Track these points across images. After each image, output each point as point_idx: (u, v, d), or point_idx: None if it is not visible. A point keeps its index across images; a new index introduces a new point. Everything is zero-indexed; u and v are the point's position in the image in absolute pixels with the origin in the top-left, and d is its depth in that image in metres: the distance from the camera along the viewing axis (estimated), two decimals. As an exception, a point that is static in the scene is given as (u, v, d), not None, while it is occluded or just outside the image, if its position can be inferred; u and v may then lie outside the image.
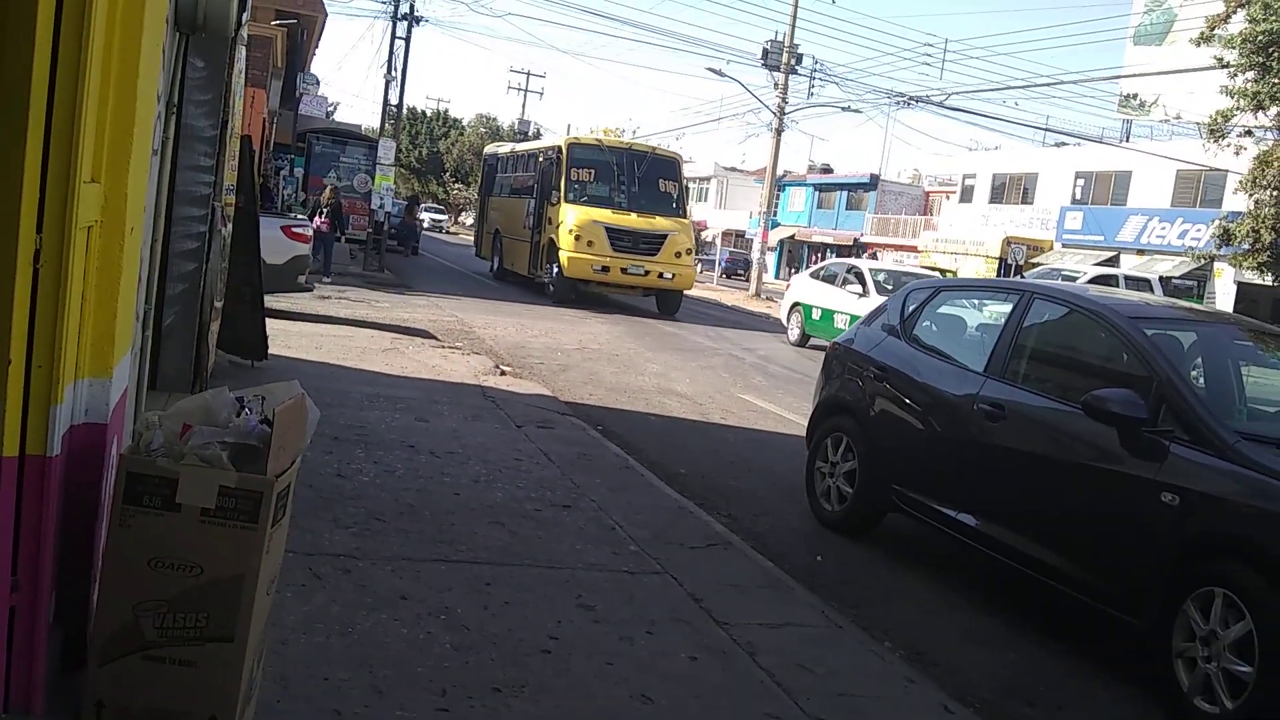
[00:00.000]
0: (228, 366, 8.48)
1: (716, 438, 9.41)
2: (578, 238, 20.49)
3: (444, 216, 63.90)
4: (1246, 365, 5.86)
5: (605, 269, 20.58)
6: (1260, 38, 14.63)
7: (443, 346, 11.92)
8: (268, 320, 9.04)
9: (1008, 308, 6.06)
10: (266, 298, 9.30)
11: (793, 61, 35.19)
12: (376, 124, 26.39)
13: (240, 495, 2.70)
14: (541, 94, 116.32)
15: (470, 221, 61.99)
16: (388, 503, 5.50)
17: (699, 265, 42.46)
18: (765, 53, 35.42)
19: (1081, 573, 5.03)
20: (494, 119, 74.29)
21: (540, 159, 23.51)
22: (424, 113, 78.21)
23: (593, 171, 21.91)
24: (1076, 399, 5.11)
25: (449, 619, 4.12)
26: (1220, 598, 4.31)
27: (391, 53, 24.48)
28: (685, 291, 22.53)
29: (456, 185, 77.62)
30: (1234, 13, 15.49)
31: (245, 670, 2.79)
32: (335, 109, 48.94)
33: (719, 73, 35.97)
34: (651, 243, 21.00)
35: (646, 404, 10.51)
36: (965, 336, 6.69)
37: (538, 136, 73.34)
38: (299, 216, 15.44)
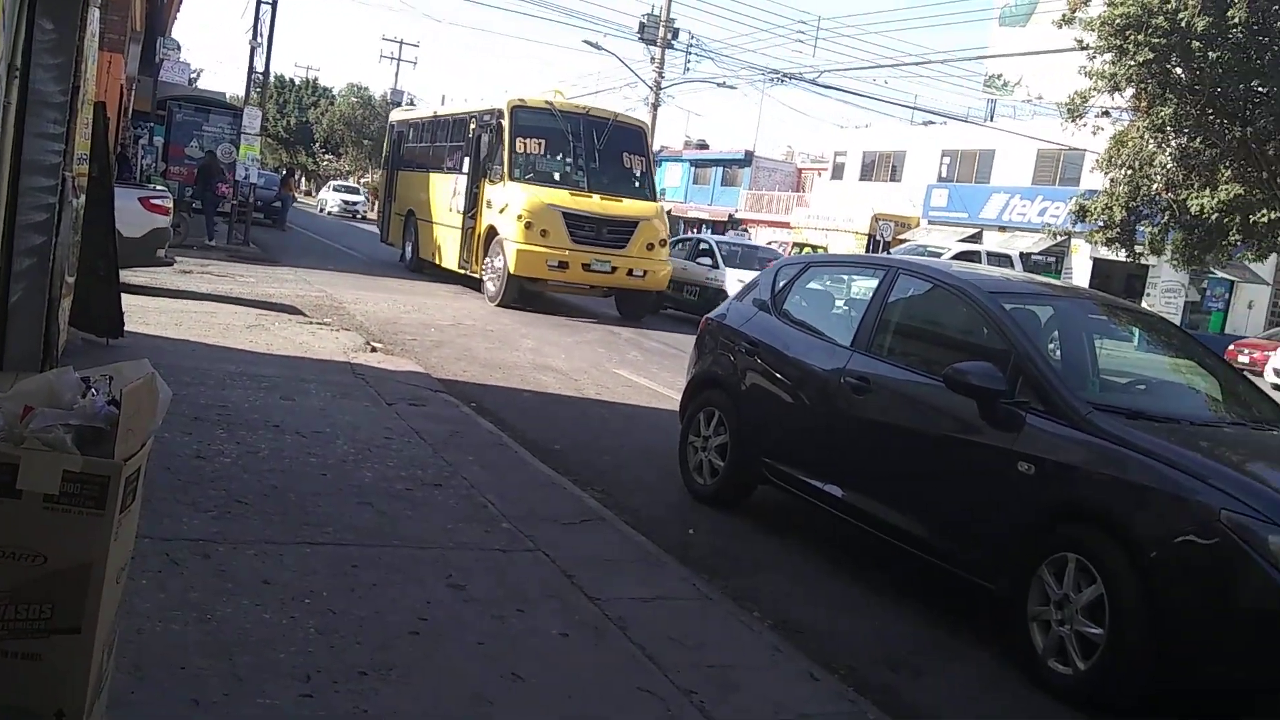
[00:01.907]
0: (81, 345, 8.13)
1: (591, 413, 9.41)
2: (529, 225, 16.38)
3: (359, 198, 53.76)
4: (1100, 338, 6.12)
5: (563, 265, 16.52)
6: (1118, 21, 15.20)
7: (311, 323, 11.63)
8: (124, 296, 8.69)
9: (873, 283, 6.19)
10: (123, 272, 8.94)
11: (669, 36, 35.29)
12: (242, 92, 25.17)
13: (86, 480, 2.58)
14: (415, 63, 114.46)
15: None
16: (250, 485, 5.35)
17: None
18: (642, 26, 35.45)
19: (942, 540, 5.19)
20: (366, 88, 72.67)
21: (473, 125, 19.23)
22: (292, 81, 76.06)
23: (543, 142, 17.70)
24: (938, 372, 5.25)
25: (314, 603, 4.02)
26: (1073, 563, 4.49)
27: (257, 17, 23.59)
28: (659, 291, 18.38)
29: (327, 157, 75.79)
30: (1094, -4, 16.04)
31: (95, 662, 2.68)
32: (198, 76, 47.18)
33: (595, 45, 35.91)
34: (619, 232, 16.99)
35: (521, 380, 10.45)
36: (833, 311, 6.82)
37: (412, 106, 72.35)
38: (158, 187, 14.84)
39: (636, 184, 18.45)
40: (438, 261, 20.25)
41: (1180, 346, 6.30)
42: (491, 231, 17.43)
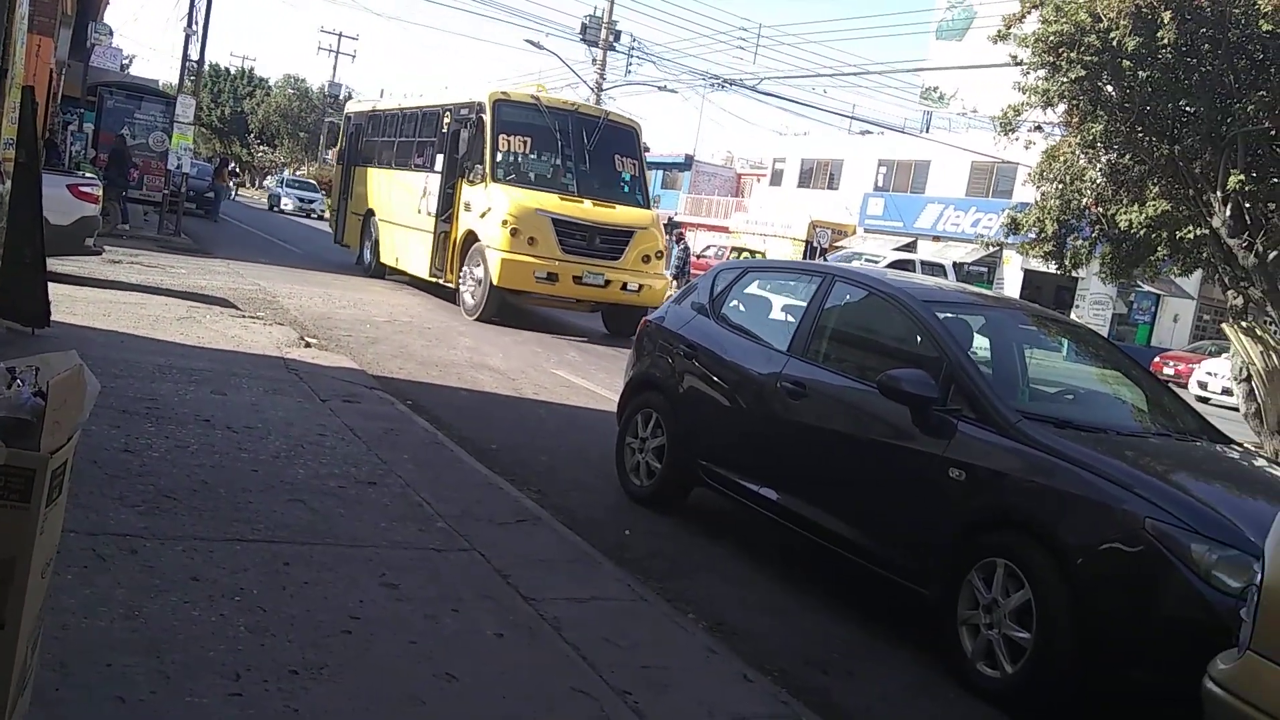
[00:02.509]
0: (6, 334, 7.93)
1: (529, 413, 9.38)
2: (515, 232, 14.85)
3: (316, 196, 47.41)
4: (1030, 349, 6.24)
5: (552, 277, 15.02)
6: (1051, 38, 15.46)
7: (243, 316, 11.45)
8: (51, 285, 8.48)
9: (811, 289, 6.25)
10: (50, 261, 8.72)
11: (611, 38, 35.34)
12: (175, 80, 24.66)
13: (10, 473, 2.51)
14: (354, 56, 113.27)
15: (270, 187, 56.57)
16: (180, 479, 5.25)
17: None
18: (584, 27, 35.47)
19: (875, 544, 5.25)
20: (303, 80, 71.88)
21: (446, 119, 17.51)
22: (228, 70, 74.88)
23: (528, 140, 16.11)
24: (873, 378, 5.32)
25: (244, 600, 3.96)
26: (1002, 568, 4.57)
27: (193, 5, 23.22)
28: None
29: (262, 148, 74.70)
30: (1028, 13, 16.31)
31: (18, 658, 2.62)
32: (131, 62, 46.34)
33: (537, 45, 35.98)
34: (614, 242, 15.54)
35: (458, 378, 10.39)
36: (770, 317, 6.86)
37: (350, 99, 71.55)
38: (87, 175, 14.51)
39: (629, 189, 16.88)
40: (403, 267, 18.62)
41: (1107, 358, 6.45)
42: (470, 238, 15.79)
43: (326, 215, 41.96)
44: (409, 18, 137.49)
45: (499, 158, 15.75)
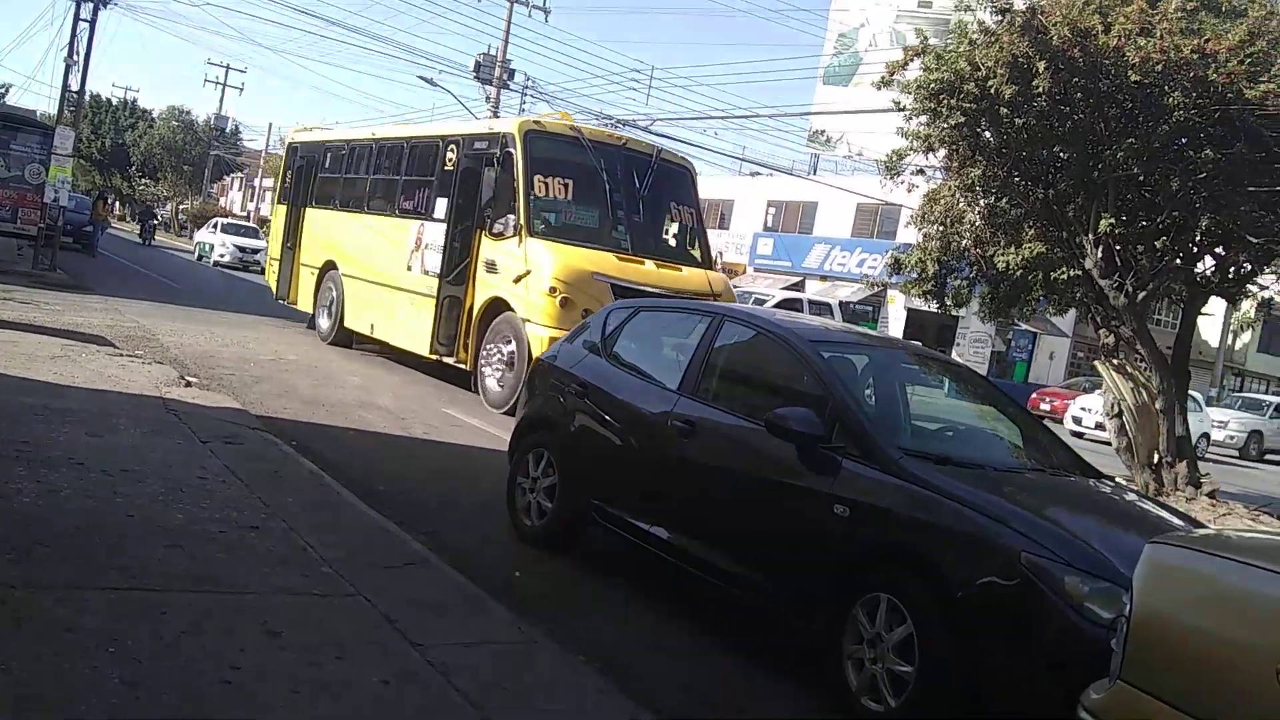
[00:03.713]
0: None
1: (418, 453, 9.26)
2: (565, 302, 11.71)
3: (259, 244, 35.88)
4: (912, 387, 6.41)
5: None
6: (932, 85, 15.95)
7: (121, 355, 11.09)
8: (-87, 323, 8.12)
9: (701, 328, 6.33)
10: (-88, 298, 8.34)
11: (505, 76, 35.37)
12: (55, 110, 23.83)
13: None
14: (241, 89, 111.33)
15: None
16: (52, 526, 5.05)
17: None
18: (478, 65, 35.47)
19: (762, 581, 5.31)
20: (188, 112, 70.16)
21: (451, 155, 14.30)
22: (109, 101, 72.85)
23: (569, 183, 12.95)
24: (761, 417, 5.40)
25: (119, 651, 3.82)
26: (885, 602, 4.66)
27: (74, 34, 22.62)
28: None
29: (144, 180, 72.72)
30: (910, 61, 16.82)
31: None
32: (6, 92, 44.89)
33: (431, 81, 35.74)
34: None
35: (345, 418, 10.21)
36: (661, 355, 6.92)
37: (236, 133, 70.24)
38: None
39: (690, 244, 14.16)
40: (382, 337, 15.25)
41: (985, 396, 6.65)
42: (495, 307, 12.57)
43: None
44: (298, 52, 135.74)
45: (536, 205, 12.54)
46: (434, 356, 13.75)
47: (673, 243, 13.95)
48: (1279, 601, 3.04)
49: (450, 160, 14.28)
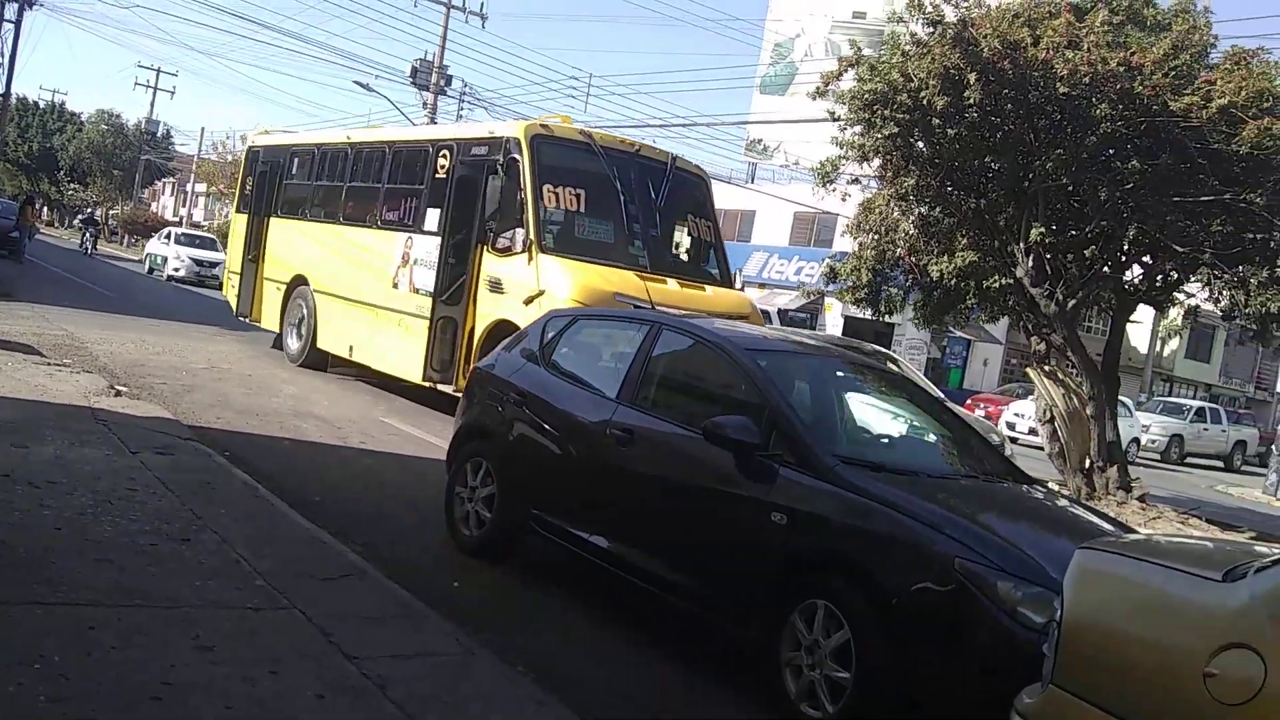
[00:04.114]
0: None
1: (355, 463, 9.16)
2: None
3: (219, 256, 30.81)
4: (848, 394, 6.48)
5: None
6: (866, 96, 16.13)
7: (48, 363, 10.83)
8: None
9: (639, 337, 6.33)
10: None
11: (442, 82, 35.17)
12: (-24, 114, 23.14)
13: None
14: (173, 93, 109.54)
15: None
16: (-26, 540, 4.92)
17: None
18: (414, 71, 35.22)
19: (702, 589, 5.33)
20: (118, 115, 68.83)
21: (442, 161, 13.01)
22: (36, 104, 71.31)
23: (580, 194, 11.79)
24: (699, 425, 5.42)
25: (45, 668, 3.73)
26: (822, 609, 4.70)
27: (-4, 37, 22.11)
28: None
29: (73, 185, 71.22)
30: (845, 72, 17.00)
31: None
32: (-75, 93, 43.56)
33: (366, 87, 35.29)
34: None
35: (281, 427, 10.07)
36: (600, 364, 6.92)
37: (168, 138, 68.92)
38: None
39: (709, 261, 13.16)
40: (363, 360, 13.97)
41: (919, 403, 6.72)
42: (504, 330, 10.64)
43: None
44: (230, 55, 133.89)
45: (547, 218, 11.44)
46: (427, 384, 12.53)
47: (692, 259, 12.94)
48: (1205, 605, 3.11)
49: (442, 167, 13.01)
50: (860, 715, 4.49)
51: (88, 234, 42.52)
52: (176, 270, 33.96)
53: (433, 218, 12.93)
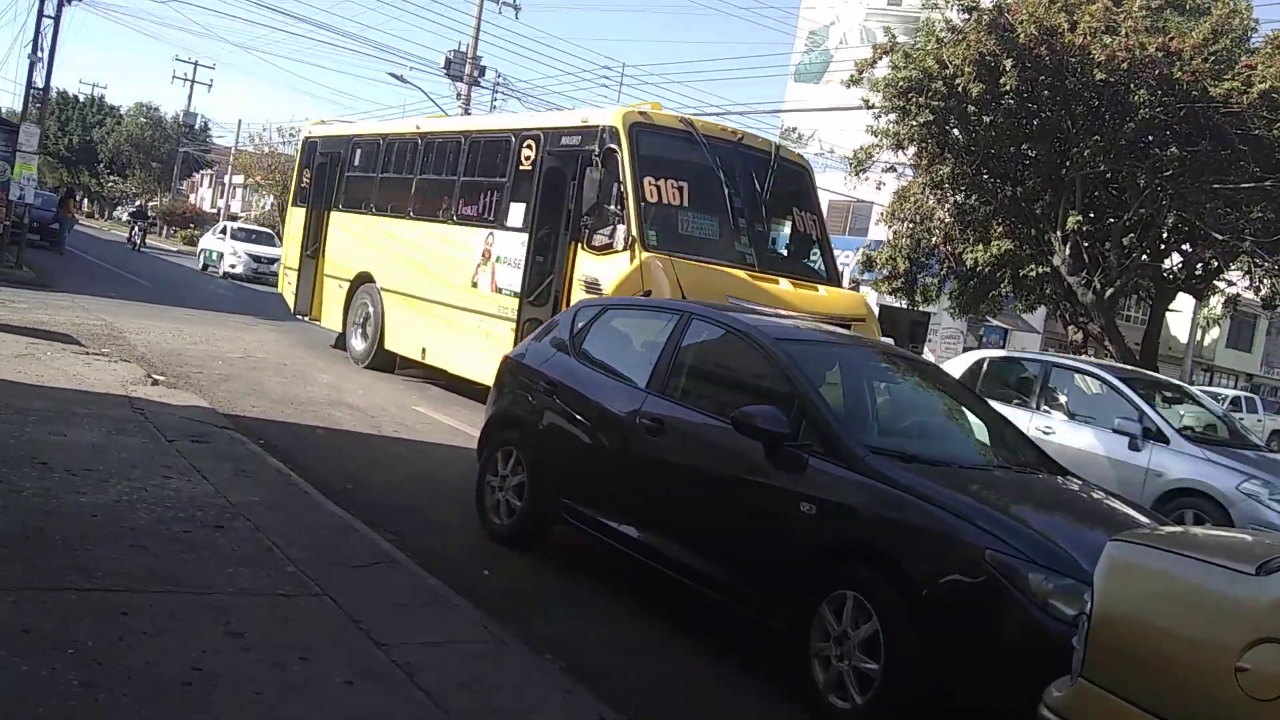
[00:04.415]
0: None
1: (387, 451, 9.22)
2: None
3: (276, 253, 28.47)
4: (880, 384, 6.43)
5: None
6: (901, 84, 16.05)
7: (87, 353, 10.98)
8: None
9: (669, 327, 6.32)
10: None
11: (476, 73, 35.22)
12: (19, 107, 23.45)
13: None
14: (210, 86, 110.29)
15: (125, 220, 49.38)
16: (13, 526, 4.99)
17: None
18: (448, 63, 35.25)
19: (731, 579, 5.32)
20: (156, 108, 69.57)
21: (526, 152, 12.13)
22: (76, 98, 72.14)
23: (683, 188, 10.88)
24: (728, 415, 5.40)
25: (78, 653, 3.78)
26: (851, 600, 4.68)
27: (38, 30, 22.35)
28: None
29: (112, 178, 72.07)
30: (879, 59, 16.91)
31: None
32: (-30, 89, 44.15)
33: (400, 78, 35.68)
34: None
35: (315, 416, 10.14)
36: (630, 353, 6.91)
37: (206, 130, 69.52)
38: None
39: (817, 259, 12.22)
40: (438, 363, 13.18)
41: (952, 393, 6.67)
42: None
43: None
44: (267, 49, 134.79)
45: (649, 213, 10.50)
46: None
47: (798, 256, 12.03)
48: (1237, 599, 3.06)
49: (527, 158, 12.09)
50: (889, 706, 4.46)
51: (136, 227, 40.01)
52: (233, 267, 32.13)
53: (517, 212, 12.02)
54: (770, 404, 5.30)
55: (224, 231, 34.71)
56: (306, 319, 16.56)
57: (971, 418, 6.34)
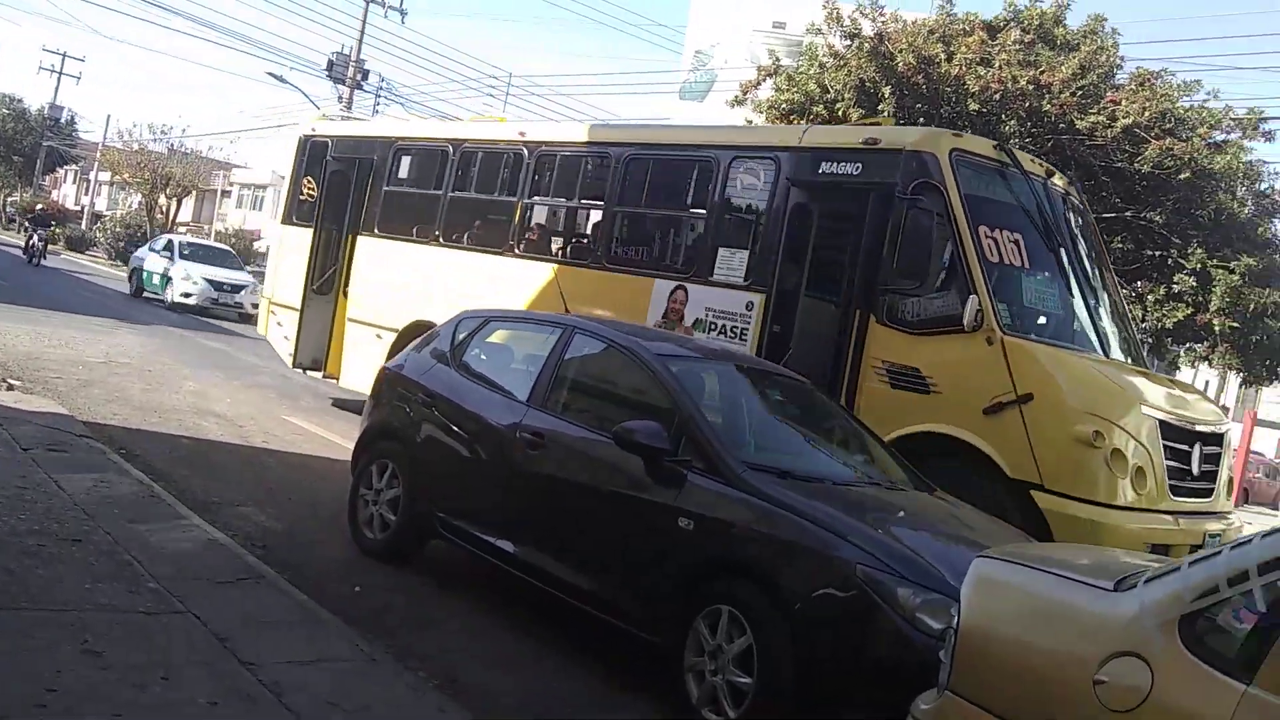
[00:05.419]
0: None
1: (256, 463, 8.96)
2: (1114, 455, 6.82)
3: (244, 279, 26.34)
4: (758, 401, 6.52)
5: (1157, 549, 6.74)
6: (783, 105, 16.33)
7: (-64, 356, 10.43)
8: None
9: (551, 340, 6.30)
10: None
11: (359, 77, 34.69)
12: None
13: None
14: (79, 78, 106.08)
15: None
16: None
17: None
18: (331, 64, 34.67)
19: (609, 594, 5.32)
20: (19, 100, 66.49)
21: (747, 178, 9.13)
22: (-73, 87, 68.43)
23: (1017, 241, 7.95)
24: (610, 429, 5.40)
25: (-80, 674, 3.58)
26: (726, 615, 4.72)
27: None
28: None
29: (-32, 173, 68.56)
30: (763, 81, 17.18)
31: None
32: None
33: (280, 78, 34.69)
34: (1212, 459, 7.71)
35: (180, 425, 9.80)
36: (511, 366, 6.86)
37: (72, 124, 66.70)
38: None
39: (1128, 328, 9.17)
40: None
41: (827, 411, 6.79)
42: (927, 447, 7.22)
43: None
44: (140, 42, 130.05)
45: (997, 278, 7.63)
46: None
47: (1126, 330, 8.97)
48: (1096, 614, 3.18)
49: (747, 186, 9.10)
50: (761, 719, 4.51)
51: (35, 236, 31.74)
52: (187, 296, 24.82)
53: (730, 262, 8.79)
54: (652, 419, 5.33)
55: (168, 248, 26.81)
56: (307, 372, 13.15)
57: (845, 434, 6.47)
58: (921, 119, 15.04)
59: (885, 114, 14.53)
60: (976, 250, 7.48)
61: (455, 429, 6.39)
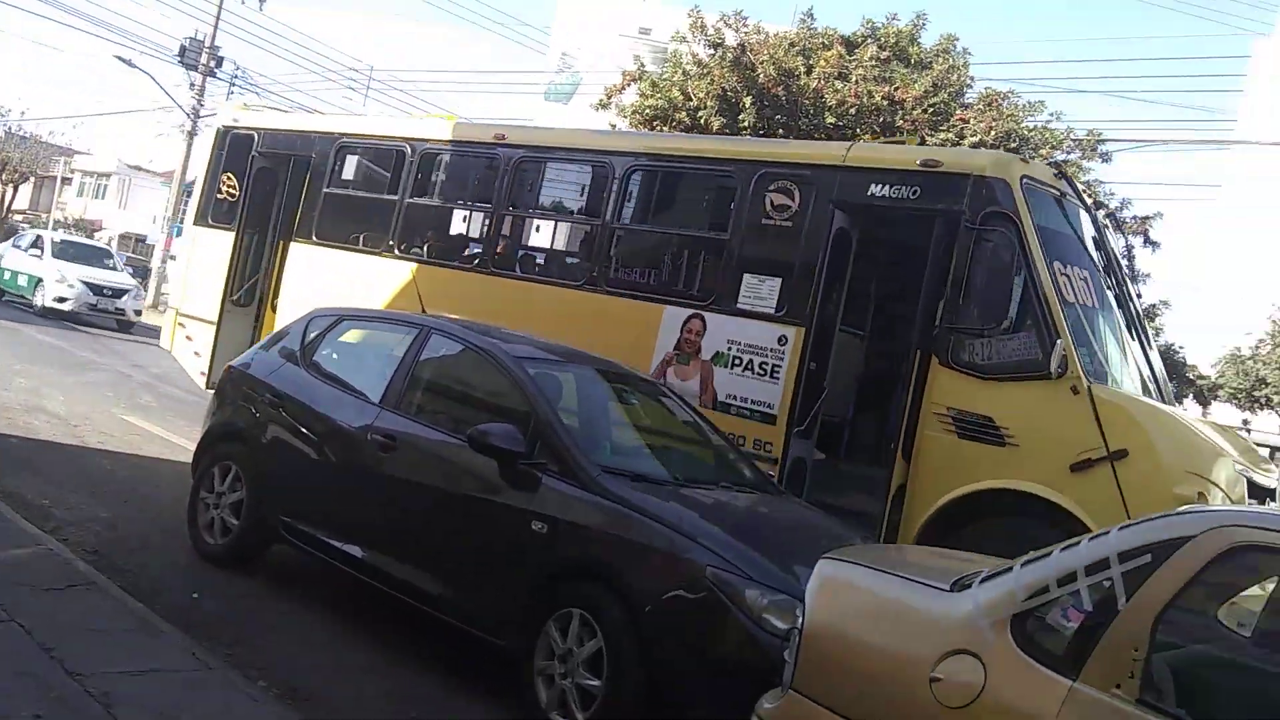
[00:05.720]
0: None
1: (90, 464, 8.54)
2: None
3: (127, 283, 23.61)
4: (613, 404, 6.53)
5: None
6: (647, 111, 16.48)
7: None
8: None
9: (407, 340, 6.18)
10: None
11: (213, 64, 33.53)
12: None
13: None
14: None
15: None
16: None
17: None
18: (183, 50, 33.37)
19: (459, 599, 5.25)
20: None
21: (782, 199, 7.80)
22: None
23: (1086, 279, 7.34)
24: (463, 432, 5.33)
25: None
26: (577, 618, 4.72)
27: None
28: None
29: None
30: (628, 86, 17.30)
31: None
32: None
33: (128, 62, 33.15)
34: None
35: (8, 424, 9.28)
36: (364, 367, 6.70)
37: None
38: None
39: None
40: None
41: (682, 415, 6.84)
42: (1002, 508, 6.69)
43: (148, 320, 22.77)
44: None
45: (1069, 316, 6.83)
46: None
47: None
48: (933, 614, 3.29)
49: (779, 208, 7.86)
50: (609, 722, 4.52)
51: None
52: (61, 301, 21.87)
53: (759, 290, 7.82)
54: (507, 422, 5.28)
55: (36, 245, 23.83)
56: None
57: (698, 438, 6.52)
58: (781, 130, 15.36)
59: (745, 124, 14.79)
60: (1055, 288, 6.79)
61: (303, 430, 6.22)
